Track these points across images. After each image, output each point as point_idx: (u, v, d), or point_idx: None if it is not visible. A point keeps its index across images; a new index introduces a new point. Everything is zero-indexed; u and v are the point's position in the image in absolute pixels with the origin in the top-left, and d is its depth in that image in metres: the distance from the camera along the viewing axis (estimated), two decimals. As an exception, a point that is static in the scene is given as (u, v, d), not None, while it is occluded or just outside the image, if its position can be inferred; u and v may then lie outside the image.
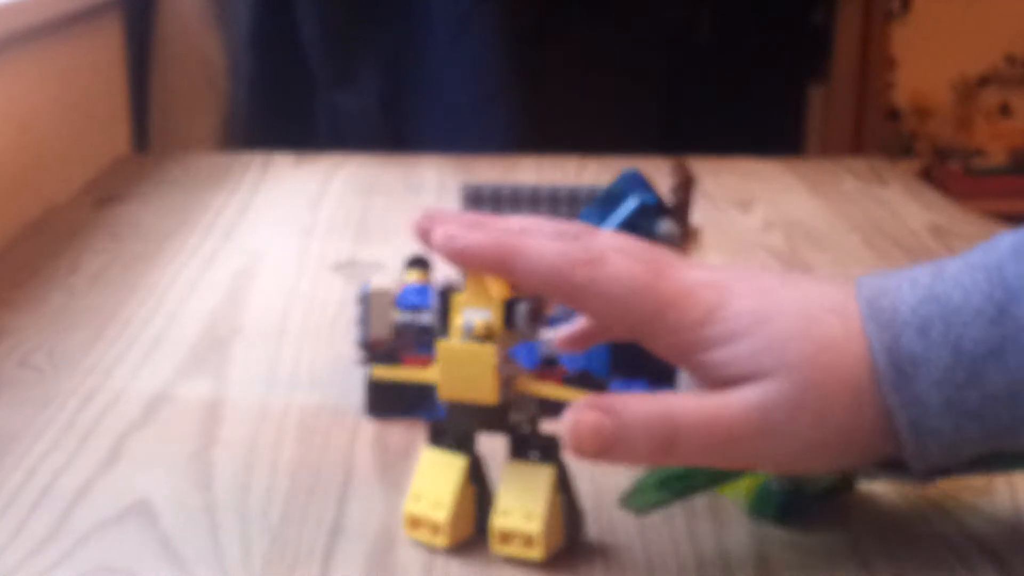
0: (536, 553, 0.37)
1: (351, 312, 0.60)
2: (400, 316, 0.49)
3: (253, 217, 0.80)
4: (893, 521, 0.41)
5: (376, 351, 0.40)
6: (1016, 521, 0.41)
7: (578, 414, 0.35)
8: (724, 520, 0.41)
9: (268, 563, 0.37)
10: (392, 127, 1.16)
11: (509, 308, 0.37)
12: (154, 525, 0.39)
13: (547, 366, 0.50)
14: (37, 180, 0.86)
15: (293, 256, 0.71)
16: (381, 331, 0.48)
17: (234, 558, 0.38)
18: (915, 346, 0.35)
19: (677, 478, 0.39)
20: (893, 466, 0.37)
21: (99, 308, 0.61)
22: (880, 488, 0.43)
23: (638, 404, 0.36)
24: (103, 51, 1.08)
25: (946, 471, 0.37)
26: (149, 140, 1.18)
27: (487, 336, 0.36)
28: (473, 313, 0.37)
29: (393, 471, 0.44)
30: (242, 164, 0.95)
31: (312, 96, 1.19)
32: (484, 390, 0.37)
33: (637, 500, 0.39)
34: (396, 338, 0.48)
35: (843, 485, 0.42)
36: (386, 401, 0.48)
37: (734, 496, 0.41)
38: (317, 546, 0.38)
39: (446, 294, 0.38)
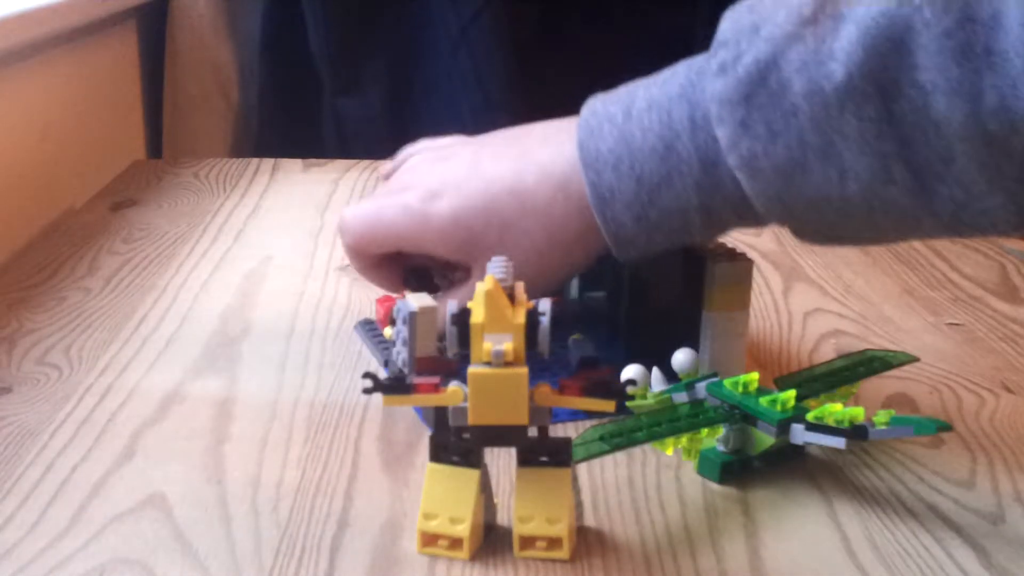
0: (563, 554, 0.38)
1: (360, 316, 0.62)
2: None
3: (262, 220, 0.81)
4: (877, 514, 0.42)
5: (386, 380, 0.39)
6: (998, 514, 0.42)
7: None
8: (719, 512, 0.42)
9: (278, 555, 0.38)
10: (396, 133, 1.17)
11: (531, 329, 0.37)
12: (168, 518, 0.40)
13: (587, 366, 0.50)
14: (56, 184, 0.87)
15: (301, 258, 0.72)
16: (427, 348, 0.47)
17: (245, 550, 0.38)
18: (611, 179, 0.45)
19: (617, 434, 0.41)
20: (826, 431, 0.42)
21: (114, 308, 0.62)
22: (863, 481, 0.44)
23: None
24: (119, 60, 1.09)
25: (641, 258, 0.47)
26: (163, 146, 1.19)
27: (515, 360, 0.37)
28: (496, 339, 0.37)
29: (399, 466, 0.45)
30: (252, 169, 0.96)
31: (319, 103, 1.20)
32: (517, 413, 0.37)
33: (580, 451, 0.41)
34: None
35: (786, 448, 0.44)
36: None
37: (662, 449, 0.45)
38: (325, 539, 0.39)
39: (464, 318, 0.37)
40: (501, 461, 0.43)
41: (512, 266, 0.40)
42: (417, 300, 0.47)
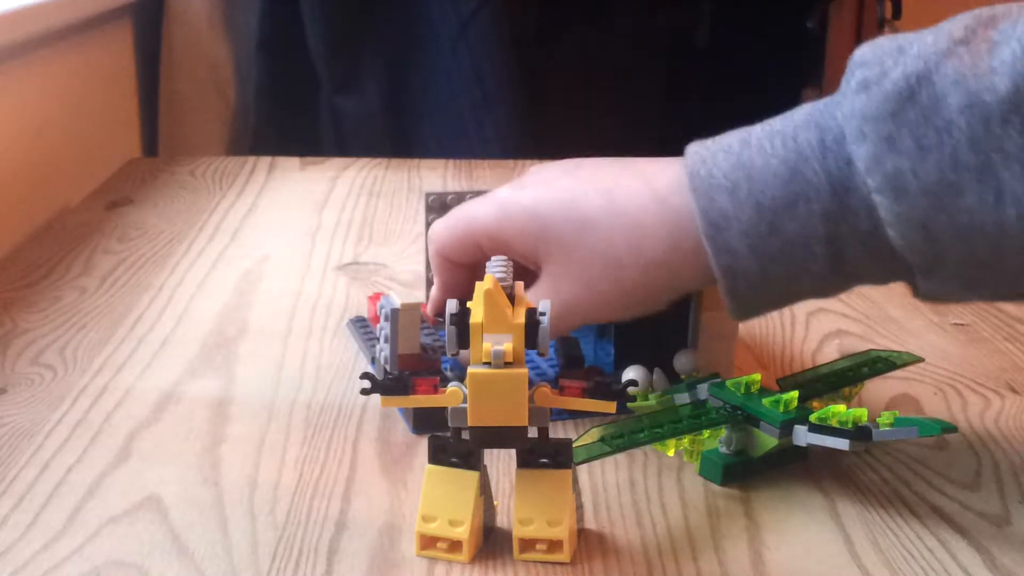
0: (563, 557, 0.38)
1: (356, 313, 0.61)
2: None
3: (259, 219, 0.81)
4: (881, 516, 0.42)
5: (385, 380, 0.38)
6: (1003, 516, 0.42)
7: None
8: (721, 514, 0.41)
9: (275, 558, 0.38)
10: (395, 131, 1.17)
11: (530, 329, 0.37)
12: (164, 520, 0.40)
13: (571, 366, 0.50)
14: (51, 183, 0.87)
15: (298, 257, 0.72)
16: (410, 345, 0.46)
17: (242, 553, 0.38)
18: (726, 205, 0.41)
19: (618, 435, 0.41)
20: (825, 430, 0.41)
21: (110, 308, 0.62)
22: (867, 483, 0.44)
23: None
24: (114, 58, 1.09)
25: (755, 311, 0.43)
26: (159, 144, 1.19)
27: (515, 361, 0.37)
28: (495, 339, 0.37)
29: (397, 468, 0.45)
30: (249, 167, 0.96)
31: (317, 101, 1.20)
32: (517, 414, 0.37)
33: (580, 453, 0.41)
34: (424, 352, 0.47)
35: (789, 449, 0.44)
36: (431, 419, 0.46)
37: (663, 451, 0.45)
38: (323, 541, 0.39)
39: (463, 318, 0.37)
40: (501, 463, 0.43)
41: (512, 266, 0.39)
42: (401, 296, 0.47)
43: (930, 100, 0.38)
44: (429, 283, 0.56)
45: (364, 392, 0.38)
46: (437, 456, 0.38)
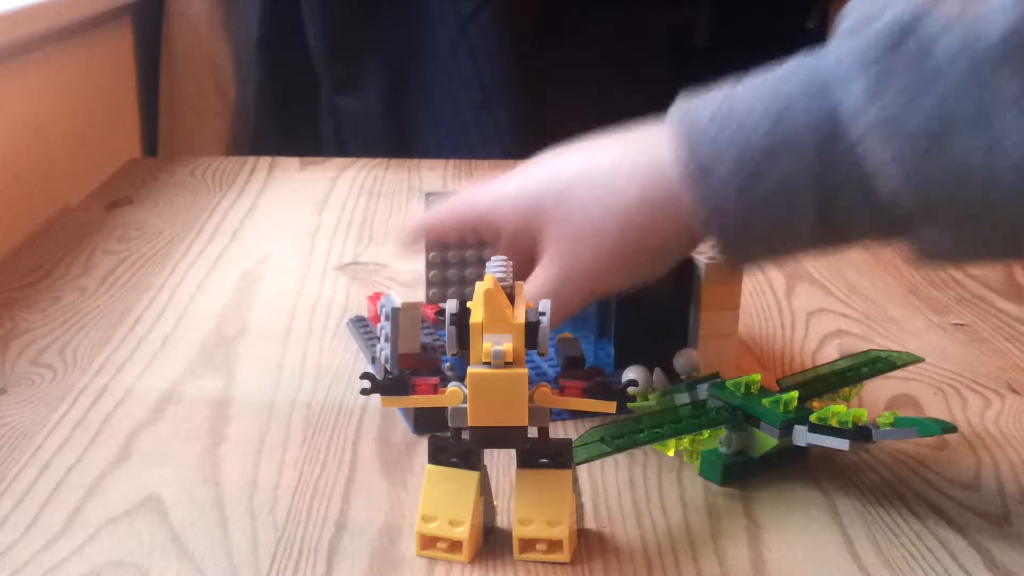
0: (563, 557, 0.38)
1: (356, 313, 0.61)
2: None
3: (259, 219, 0.81)
4: (881, 516, 0.42)
5: (385, 380, 0.38)
6: (1003, 515, 0.42)
7: None
8: (721, 513, 0.41)
9: (275, 558, 0.38)
10: (395, 131, 1.17)
11: (531, 330, 0.37)
12: (163, 520, 0.40)
13: (571, 366, 0.50)
14: (51, 183, 0.87)
15: (298, 257, 0.72)
16: (410, 345, 0.47)
17: (242, 553, 0.38)
18: (709, 152, 0.41)
19: (618, 435, 0.41)
20: (824, 429, 0.41)
21: (110, 308, 0.62)
22: (867, 483, 0.44)
23: None
24: (114, 58, 1.09)
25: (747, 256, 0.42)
26: (159, 144, 1.19)
27: (515, 361, 0.37)
28: (495, 339, 0.37)
29: (397, 468, 0.45)
30: (249, 167, 0.96)
31: (317, 101, 1.20)
32: (516, 414, 0.37)
33: (581, 453, 0.41)
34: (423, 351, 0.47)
35: (789, 449, 0.44)
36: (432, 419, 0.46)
37: (663, 451, 0.45)
38: (323, 541, 0.39)
39: (463, 318, 0.37)
40: (501, 463, 0.43)
41: (512, 266, 0.40)
42: (401, 296, 0.47)
43: (920, 44, 0.37)
44: (429, 283, 0.56)
45: (364, 392, 0.38)
46: (437, 456, 0.39)
